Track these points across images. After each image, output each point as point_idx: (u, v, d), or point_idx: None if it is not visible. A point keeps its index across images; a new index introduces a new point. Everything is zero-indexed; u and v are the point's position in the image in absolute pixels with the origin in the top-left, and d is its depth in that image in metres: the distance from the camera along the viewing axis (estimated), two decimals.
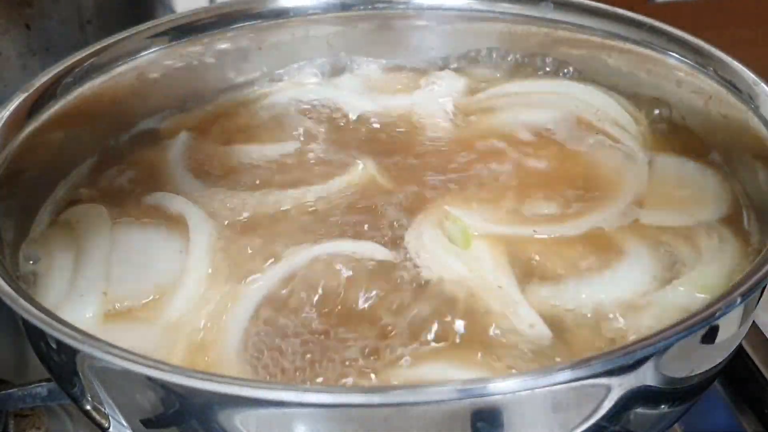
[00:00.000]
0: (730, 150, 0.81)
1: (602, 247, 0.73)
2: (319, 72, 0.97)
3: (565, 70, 0.94)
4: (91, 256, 0.74)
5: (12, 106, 0.79)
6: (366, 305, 0.68)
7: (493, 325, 0.66)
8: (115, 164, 0.86)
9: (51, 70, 0.83)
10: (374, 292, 0.69)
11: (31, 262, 0.75)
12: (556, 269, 0.71)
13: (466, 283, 0.69)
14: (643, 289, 0.69)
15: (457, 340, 0.65)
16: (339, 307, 0.68)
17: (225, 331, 0.67)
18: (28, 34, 1.02)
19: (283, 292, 0.70)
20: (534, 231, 0.75)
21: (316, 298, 0.69)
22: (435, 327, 0.66)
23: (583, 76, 0.93)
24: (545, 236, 0.74)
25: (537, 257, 0.72)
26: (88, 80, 0.85)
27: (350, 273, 0.71)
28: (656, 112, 0.89)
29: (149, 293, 0.71)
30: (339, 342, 0.66)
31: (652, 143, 0.87)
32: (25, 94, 0.80)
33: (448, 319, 0.67)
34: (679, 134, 0.87)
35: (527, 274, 0.71)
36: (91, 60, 0.86)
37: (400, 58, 0.98)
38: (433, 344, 0.65)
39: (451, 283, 0.70)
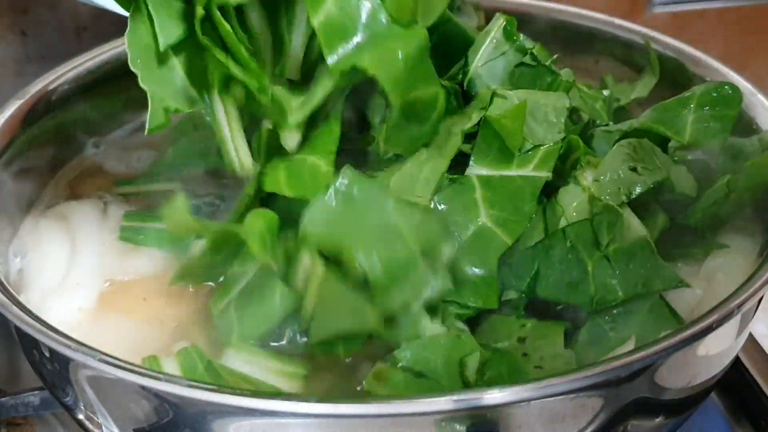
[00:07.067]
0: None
1: None
2: None
3: None
4: (84, 247, 0.74)
5: (7, 112, 0.79)
6: None
7: None
8: (110, 167, 0.86)
9: (47, 77, 0.84)
10: None
11: (19, 258, 0.75)
12: None
13: None
14: None
15: None
16: None
17: None
18: (24, 41, 1.02)
19: None
20: None
21: None
22: None
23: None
24: None
25: None
26: (83, 87, 0.85)
27: None
28: None
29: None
30: None
31: None
32: (21, 101, 0.80)
33: None
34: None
35: None
36: (87, 67, 0.86)
37: None
38: None
39: None
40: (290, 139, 0.66)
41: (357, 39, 0.63)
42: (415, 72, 0.65)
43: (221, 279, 0.69)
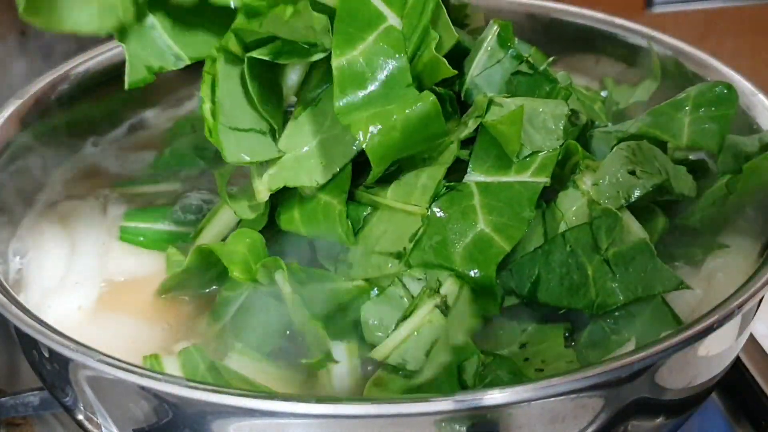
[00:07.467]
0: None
1: None
2: None
3: None
4: (84, 247, 0.75)
5: (7, 112, 0.79)
6: None
7: None
8: (109, 167, 0.86)
9: (47, 76, 0.84)
10: None
11: (19, 257, 0.75)
12: None
13: None
14: None
15: None
16: None
17: None
18: (24, 41, 1.02)
19: None
20: None
21: None
22: None
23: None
24: None
25: None
26: (83, 87, 0.85)
27: None
28: None
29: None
30: None
31: None
32: (20, 101, 0.80)
33: None
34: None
35: None
36: (87, 66, 0.86)
37: None
38: None
39: None
40: (309, 189, 0.66)
41: (368, 91, 0.62)
42: (415, 135, 0.63)
43: (209, 293, 0.70)
